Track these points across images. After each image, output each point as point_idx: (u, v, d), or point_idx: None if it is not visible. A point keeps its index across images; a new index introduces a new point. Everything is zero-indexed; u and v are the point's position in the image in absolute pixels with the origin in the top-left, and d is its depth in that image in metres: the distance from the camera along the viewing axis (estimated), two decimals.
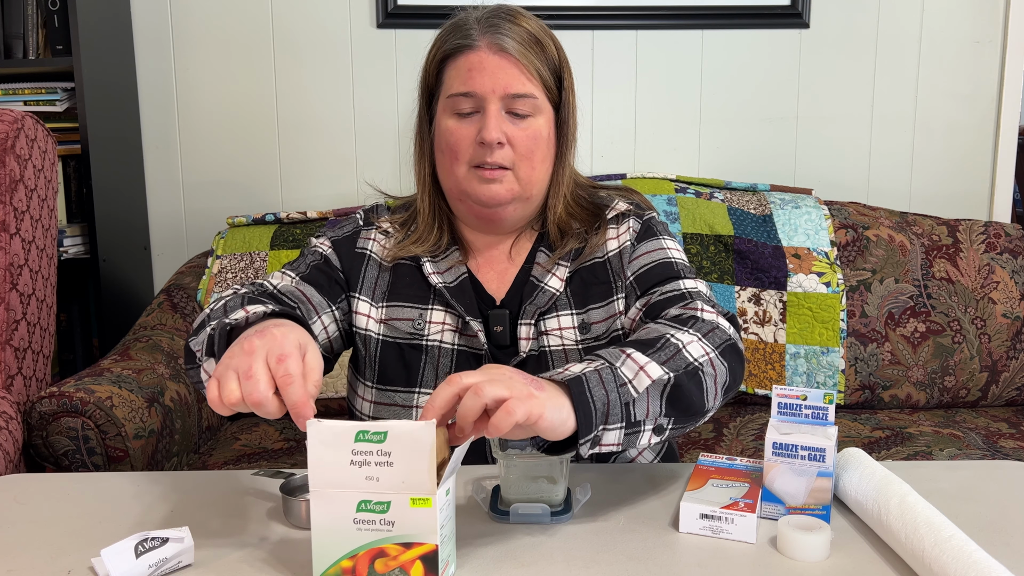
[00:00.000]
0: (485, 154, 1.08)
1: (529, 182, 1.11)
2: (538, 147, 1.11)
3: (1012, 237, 2.03)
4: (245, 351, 0.80)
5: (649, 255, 1.14)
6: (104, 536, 0.89)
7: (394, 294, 1.15)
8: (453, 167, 1.12)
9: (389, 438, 0.73)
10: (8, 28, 1.97)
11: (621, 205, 1.19)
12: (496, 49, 1.08)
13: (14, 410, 1.46)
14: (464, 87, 1.09)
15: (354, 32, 2.22)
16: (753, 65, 2.26)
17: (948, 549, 0.76)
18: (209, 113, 2.24)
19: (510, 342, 1.12)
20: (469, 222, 1.18)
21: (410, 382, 1.13)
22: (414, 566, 0.75)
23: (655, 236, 1.16)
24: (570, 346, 1.12)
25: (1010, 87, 2.28)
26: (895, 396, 1.96)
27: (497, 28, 1.09)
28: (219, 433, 1.87)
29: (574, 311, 1.13)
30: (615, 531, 0.90)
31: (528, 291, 1.13)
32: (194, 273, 2.03)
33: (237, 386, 0.78)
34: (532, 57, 1.09)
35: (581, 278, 1.15)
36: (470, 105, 1.09)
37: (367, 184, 1.43)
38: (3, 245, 1.52)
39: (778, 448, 0.90)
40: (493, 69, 1.08)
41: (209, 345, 0.94)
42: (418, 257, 1.16)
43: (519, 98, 1.08)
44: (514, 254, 1.18)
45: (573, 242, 1.15)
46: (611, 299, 1.14)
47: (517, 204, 1.13)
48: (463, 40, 1.10)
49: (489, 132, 1.07)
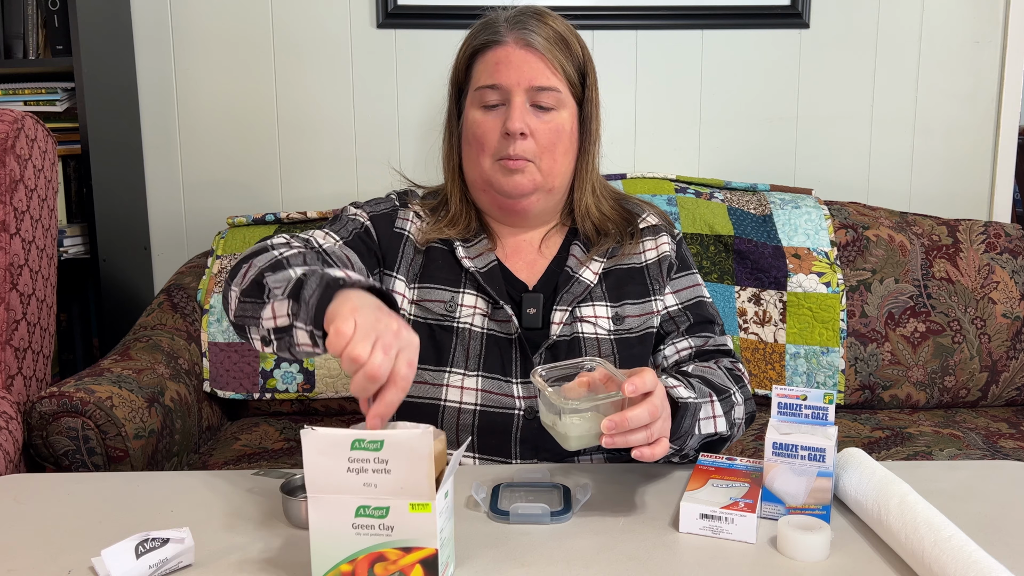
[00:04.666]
0: (509, 145, 1.13)
1: (551, 174, 1.16)
2: (560, 140, 1.16)
3: (1012, 237, 2.03)
4: (393, 330, 0.78)
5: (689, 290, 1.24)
6: (104, 536, 0.89)
7: (426, 276, 1.19)
8: (479, 158, 1.16)
9: (386, 446, 0.73)
10: (8, 28, 1.97)
11: (652, 219, 1.26)
12: (523, 44, 1.14)
13: (14, 410, 1.46)
14: (491, 79, 1.14)
15: (354, 32, 2.22)
16: (753, 65, 2.26)
17: (948, 549, 0.76)
18: (209, 113, 2.24)
19: (542, 325, 1.17)
20: (493, 214, 1.23)
21: (440, 362, 1.16)
22: (414, 570, 0.74)
23: (691, 270, 1.26)
24: (603, 335, 1.17)
25: (1010, 87, 2.28)
26: (895, 396, 1.96)
27: (524, 25, 1.15)
28: (219, 433, 1.87)
29: (608, 303, 1.19)
30: (615, 531, 0.90)
31: (563, 281, 1.18)
32: (194, 273, 2.03)
33: (370, 348, 0.76)
34: (557, 53, 1.15)
35: (617, 277, 1.21)
36: (496, 97, 1.14)
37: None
38: (3, 245, 1.52)
39: (778, 448, 0.90)
40: (519, 63, 1.13)
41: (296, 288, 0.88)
42: (451, 241, 1.20)
43: (543, 91, 1.14)
44: (544, 247, 1.23)
45: (609, 241, 1.21)
46: (648, 299, 1.21)
47: (540, 195, 1.18)
48: (491, 36, 1.16)
49: (513, 123, 1.12)
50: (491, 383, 1.14)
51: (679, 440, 0.99)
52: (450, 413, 1.14)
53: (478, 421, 1.13)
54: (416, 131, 2.26)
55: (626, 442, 0.87)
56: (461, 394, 1.14)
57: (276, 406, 1.95)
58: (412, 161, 2.25)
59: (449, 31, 2.20)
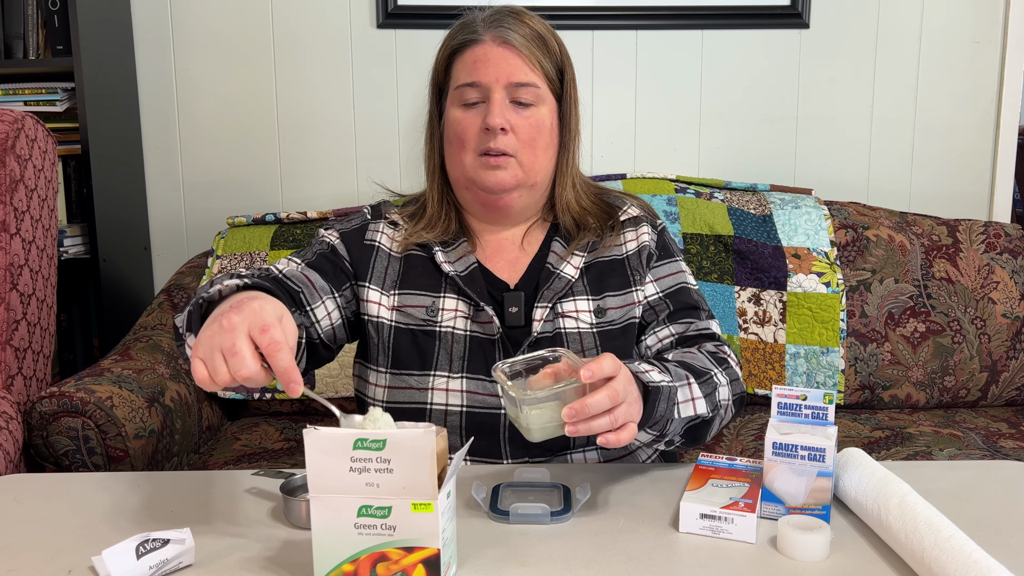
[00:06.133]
0: (489, 140, 1.14)
1: (532, 169, 1.17)
2: (540, 135, 1.16)
3: (1012, 237, 2.03)
4: (225, 328, 0.82)
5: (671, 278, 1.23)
6: (104, 536, 0.89)
7: (406, 282, 1.20)
8: (460, 155, 1.17)
9: (388, 445, 0.73)
10: (8, 28, 1.97)
11: (633, 210, 1.26)
12: (500, 41, 1.15)
13: (14, 410, 1.46)
14: (470, 77, 1.15)
15: (354, 32, 2.22)
16: (753, 65, 2.26)
17: (948, 549, 0.76)
18: (209, 113, 2.24)
19: (524, 323, 1.17)
20: (476, 213, 1.24)
21: (424, 366, 1.16)
22: (416, 570, 0.74)
23: (673, 257, 1.25)
24: (585, 329, 1.17)
25: (1010, 87, 2.28)
26: (895, 396, 1.96)
27: (501, 23, 1.16)
28: (219, 433, 1.87)
29: (590, 297, 1.19)
30: (615, 531, 0.90)
31: (544, 277, 1.18)
32: (194, 273, 2.03)
33: (224, 365, 0.80)
34: (535, 50, 1.16)
35: (598, 270, 1.21)
36: (476, 95, 1.15)
37: (375, 183, 1.48)
38: (3, 245, 1.52)
39: (778, 448, 0.90)
40: (497, 60, 1.14)
41: (188, 321, 0.96)
42: (429, 246, 1.20)
43: (522, 87, 1.15)
44: (526, 244, 1.23)
45: (590, 235, 1.21)
46: (629, 290, 1.21)
47: (522, 191, 1.19)
48: (470, 35, 1.17)
49: (493, 118, 1.13)
50: (476, 384, 1.14)
51: (657, 425, 0.98)
52: (436, 416, 1.14)
53: (465, 422, 1.14)
54: (416, 131, 2.25)
55: (589, 429, 0.86)
56: (447, 396, 1.14)
57: (276, 406, 1.95)
58: (412, 161, 2.25)
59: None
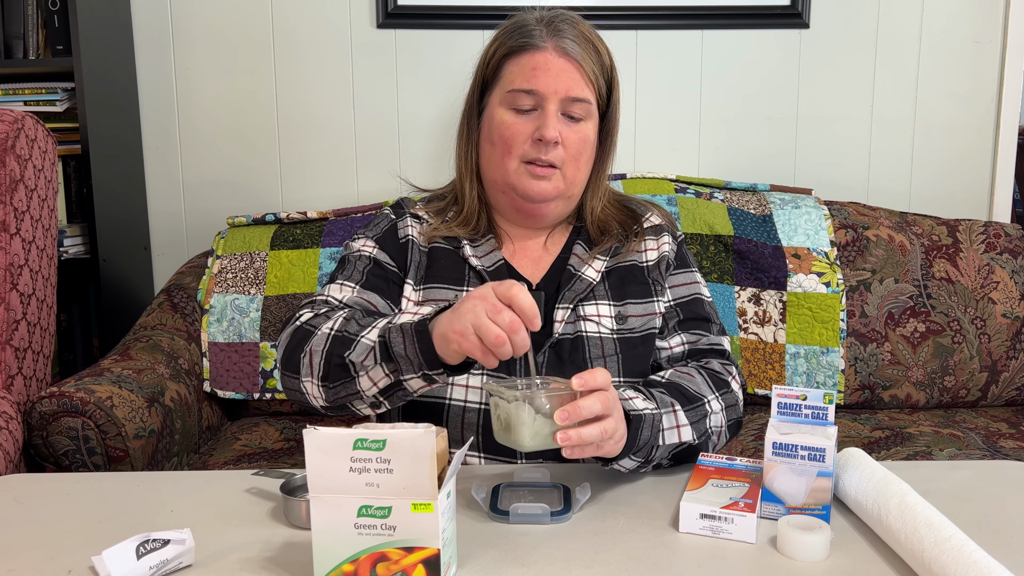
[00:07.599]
0: (540, 151, 1.14)
1: (573, 182, 1.18)
2: (585, 150, 1.18)
3: (1012, 237, 2.03)
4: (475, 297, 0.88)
5: (685, 287, 1.24)
6: (104, 536, 0.89)
7: (431, 276, 1.20)
8: (504, 160, 1.17)
9: (388, 446, 0.73)
10: (8, 28, 1.97)
11: (655, 219, 1.27)
12: (561, 52, 1.14)
13: (14, 410, 1.46)
14: (527, 84, 1.14)
15: (354, 32, 2.22)
16: (753, 65, 2.26)
17: (948, 549, 0.76)
18: (209, 113, 2.24)
19: (545, 323, 1.16)
20: (507, 214, 1.24)
21: None
22: (416, 570, 0.74)
23: (690, 268, 1.26)
24: (606, 334, 1.17)
25: (1010, 87, 2.28)
26: (895, 396, 1.96)
27: (562, 32, 1.15)
28: (219, 433, 1.87)
29: (611, 302, 1.19)
30: (615, 531, 0.90)
31: (566, 279, 1.19)
32: (194, 273, 2.03)
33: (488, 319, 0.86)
34: (592, 64, 1.16)
35: (620, 275, 1.21)
36: (530, 102, 1.15)
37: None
38: (3, 245, 1.52)
39: (778, 448, 0.90)
40: (557, 71, 1.14)
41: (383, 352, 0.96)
42: (458, 240, 1.21)
43: (576, 102, 1.15)
44: (549, 244, 1.24)
45: (612, 240, 1.22)
46: (651, 299, 1.21)
47: (559, 202, 1.20)
48: (529, 39, 1.15)
49: (549, 130, 1.13)
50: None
51: (642, 452, 1.00)
52: (455, 411, 1.14)
53: (483, 419, 1.14)
54: (416, 131, 2.25)
55: (580, 437, 0.88)
56: (466, 393, 1.14)
57: (276, 406, 1.95)
58: (412, 161, 2.25)
59: (449, 31, 2.20)
